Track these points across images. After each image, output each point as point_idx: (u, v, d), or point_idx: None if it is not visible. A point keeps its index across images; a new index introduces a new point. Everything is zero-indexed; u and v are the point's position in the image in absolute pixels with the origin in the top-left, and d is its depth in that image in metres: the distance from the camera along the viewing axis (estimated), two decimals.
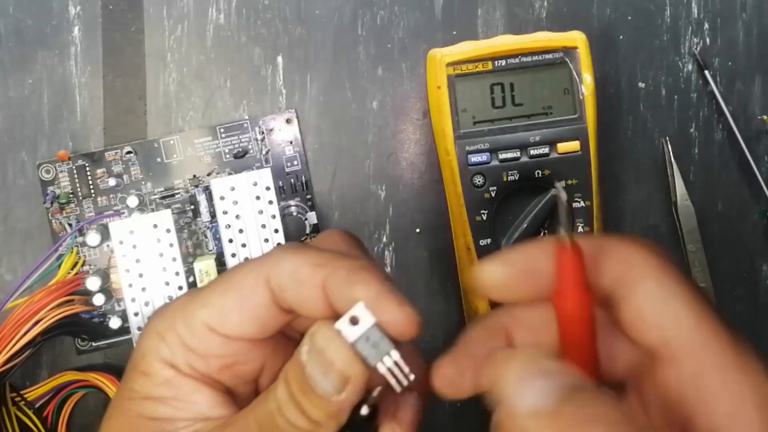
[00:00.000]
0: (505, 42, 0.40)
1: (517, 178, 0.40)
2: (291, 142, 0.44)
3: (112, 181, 0.43)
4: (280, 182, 0.44)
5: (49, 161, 0.43)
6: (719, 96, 0.45)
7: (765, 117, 0.45)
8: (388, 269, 0.45)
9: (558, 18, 0.45)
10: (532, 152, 0.40)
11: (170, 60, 0.44)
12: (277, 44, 0.44)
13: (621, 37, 0.45)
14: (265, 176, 0.41)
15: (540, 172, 0.41)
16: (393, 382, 0.25)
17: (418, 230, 0.45)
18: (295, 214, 0.43)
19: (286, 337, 0.30)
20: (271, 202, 0.41)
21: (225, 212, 0.41)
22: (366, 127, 0.45)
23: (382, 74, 0.45)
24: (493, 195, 0.41)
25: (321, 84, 0.45)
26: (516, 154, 0.40)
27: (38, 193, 0.43)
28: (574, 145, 0.40)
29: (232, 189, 0.41)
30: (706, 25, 0.45)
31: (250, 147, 0.44)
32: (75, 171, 0.43)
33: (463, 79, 0.40)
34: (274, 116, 0.44)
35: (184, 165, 0.44)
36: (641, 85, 0.45)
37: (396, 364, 0.25)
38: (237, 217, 0.41)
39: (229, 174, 0.43)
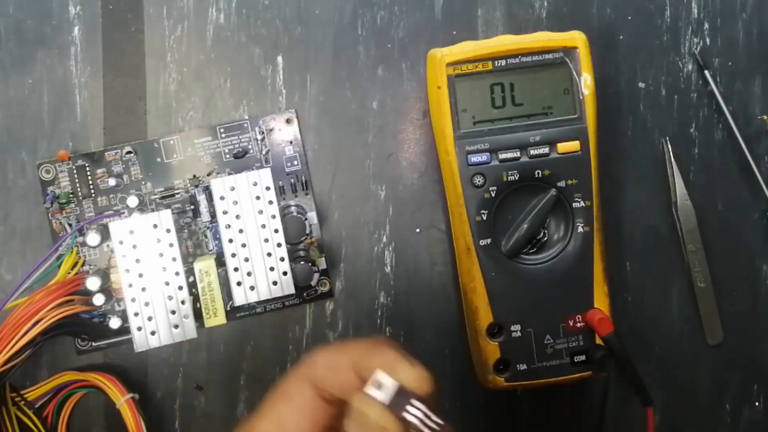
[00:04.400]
0: (505, 42, 0.40)
1: (517, 178, 0.40)
2: (291, 142, 0.44)
3: (112, 181, 0.43)
4: (280, 182, 0.44)
5: (49, 161, 0.43)
6: (719, 96, 0.45)
7: (765, 117, 0.45)
8: (388, 269, 0.45)
9: (558, 18, 0.45)
10: (532, 152, 0.40)
11: (170, 60, 0.44)
12: (277, 44, 0.44)
13: (621, 37, 0.45)
14: (265, 176, 0.41)
15: (540, 172, 0.41)
16: (425, 430, 0.29)
17: (418, 230, 0.45)
18: (295, 214, 0.43)
19: None
20: (271, 202, 0.41)
21: (225, 212, 0.41)
22: (366, 127, 0.45)
23: (382, 74, 0.45)
24: (493, 195, 0.41)
25: (321, 84, 0.45)
26: (516, 154, 0.40)
27: (38, 193, 0.43)
28: (574, 145, 0.40)
29: (232, 189, 0.41)
30: (706, 25, 0.45)
31: (250, 147, 0.44)
32: (75, 171, 0.43)
33: (463, 79, 0.40)
34: (274, 116, 0.44)
35: (184, 165, 0.44)
36: (641, 85, 0.45)
37: (423, 412, 0.29)
38: (237, 217, 0.41)
39: (229, 174, 0.43)
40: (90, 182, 0.43)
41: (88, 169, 0.43)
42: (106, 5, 0.44)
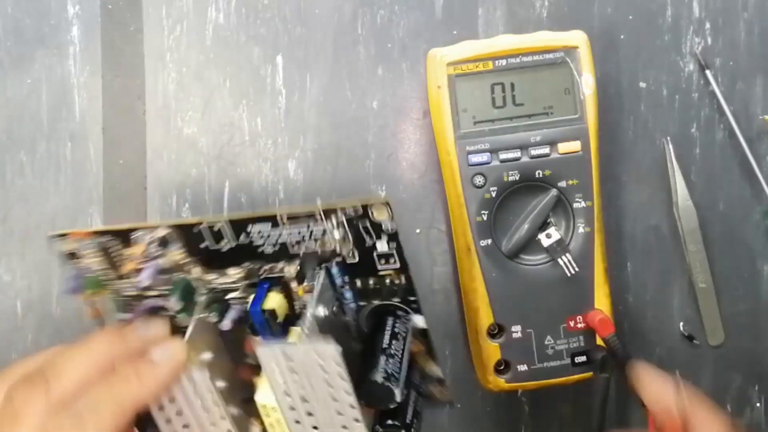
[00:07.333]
0: (506, 42, 0.40)
1: (517, 178, 0.40)
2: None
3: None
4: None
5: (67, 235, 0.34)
6: (720, 96, 0.44)
7: (766, 117, 0.45)
8: None
9: (559, 17, 0.45)
10: (533, 152, 0.40)
11: (169, 60, 0.44)
12: (277, 44, 0.44)
13: (622, 36, 0.45)
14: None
15: (540, 172, 0.40)
16: None
17: (418, 230, 0.45)
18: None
19: None
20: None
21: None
22: (366, 127, 0.45)
23: (382, 74, 0.45)
24: (493, 195, 0.40)
25: (321, 84, 0.44)
26: (516, 154, 0.40)
27: (38, 194, 0.43)
28: (574, 146, 0.40)
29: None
30: (708, 25, 0.45)
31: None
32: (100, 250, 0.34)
33: (464, 79, 0.40)
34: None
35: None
36: (642, 85, 0.45)
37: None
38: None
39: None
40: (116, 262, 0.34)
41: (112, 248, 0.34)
42: (105, 5, 0.44)
